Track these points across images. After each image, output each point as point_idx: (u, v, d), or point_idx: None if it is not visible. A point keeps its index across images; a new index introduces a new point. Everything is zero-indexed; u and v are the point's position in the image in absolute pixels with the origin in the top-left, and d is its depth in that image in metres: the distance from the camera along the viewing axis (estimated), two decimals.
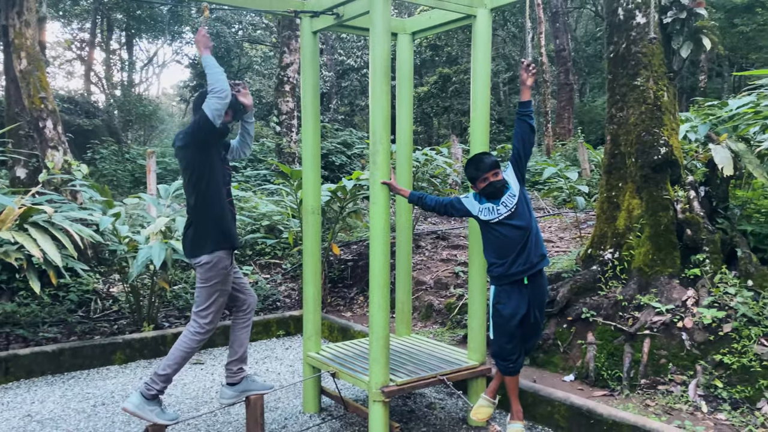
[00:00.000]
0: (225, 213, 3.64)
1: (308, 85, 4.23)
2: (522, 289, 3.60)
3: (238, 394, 3.81)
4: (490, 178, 3.57)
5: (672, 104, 5.04)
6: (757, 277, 4.43)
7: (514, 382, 3.82)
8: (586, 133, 20.65)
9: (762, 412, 3.73)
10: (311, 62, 4.24)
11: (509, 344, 3.67)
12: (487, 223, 3.61)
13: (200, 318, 3.62)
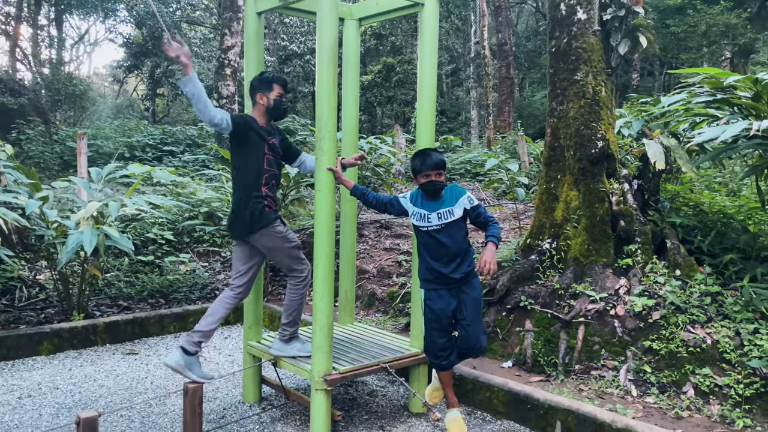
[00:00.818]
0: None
1: (252, 68, 4.12)
2: (451, 290, 3.65)
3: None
4: (432, 176, 3.56)
5: (609, 99, 5.21)
6: (685, 267, 4.65)
7: (447, 377, 3.87)
8: (526, 126, 21.15)
9: (687, 396, 3.93)
10: (255, 44, 4.13)
11: (440, 340, 3.71)
12: (417, 226, 3.67)
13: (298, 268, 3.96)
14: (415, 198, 3.71)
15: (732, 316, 4.18)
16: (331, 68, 3.49)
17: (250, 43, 4.12)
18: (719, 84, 4.60)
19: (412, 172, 3.67)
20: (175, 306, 6.37)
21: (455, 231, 3.59)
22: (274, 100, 3.88)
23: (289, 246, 3.87)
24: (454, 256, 3.59)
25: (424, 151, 3.66)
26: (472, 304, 3.67)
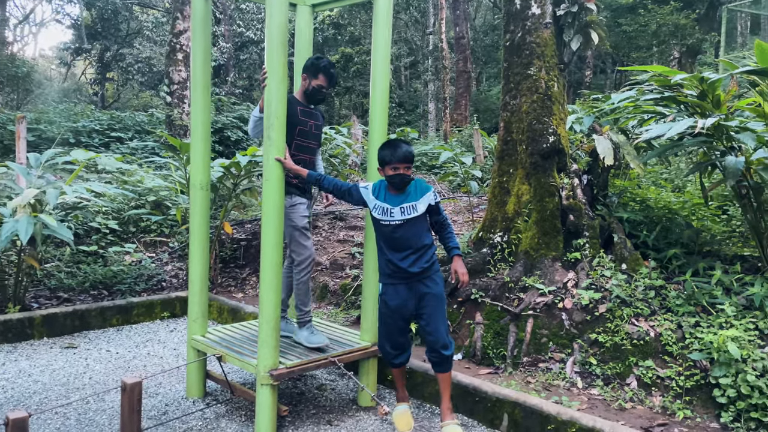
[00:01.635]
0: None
1: (198, 52, 3.97)
2: (410, 285, 3.58)
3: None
4: (401, 170, 3.48)
5: (561, 95, 5.25)
6: (631, 261, 4.74)
7: (399, 373, 3.84)
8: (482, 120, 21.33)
9: (631, 387, 4.00)
10: (202, 27, 3.98)
11: (394, 337, 3.67)
12: (377, 220, 3.59)
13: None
14: (378, 190, 3.61)
15: (674, 309, 4.28)
16: (281, 54, 3.39)
17: (197, 25, 3.96)
18: (667, 82, 4.68)
19: (380, 162, 3.56)
20: (119, 298, 6.16)
21: (417, 226, 3.53)
22: (313, 88, 3.96)
23: (291, 224, 3.89)
24: (414, 250, 3.52)
25: (394, 142, 3.56)
26: (432, 300, 3.59)
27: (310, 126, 3.96)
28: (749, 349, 3.65)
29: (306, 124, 3.94)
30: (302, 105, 3.99)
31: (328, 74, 3.91)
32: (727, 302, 4.09)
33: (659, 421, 3.63)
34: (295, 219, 3.91)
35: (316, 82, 3.92)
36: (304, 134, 3.94)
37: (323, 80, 3.92)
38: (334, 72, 3.92)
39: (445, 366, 3.63)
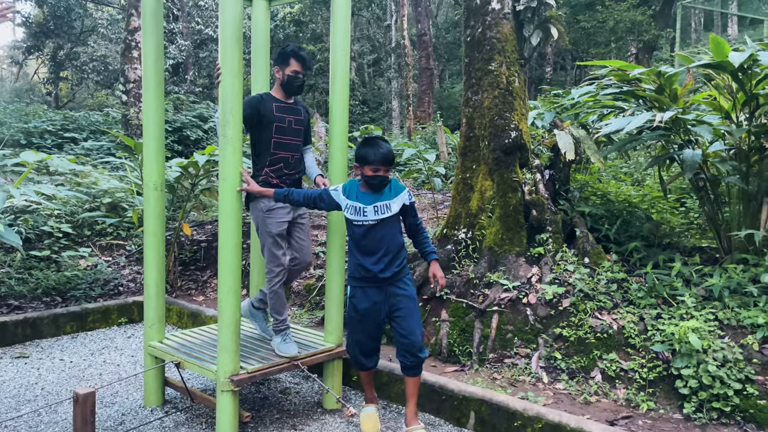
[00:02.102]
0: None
1: (150, 49, 3.82)
2: (381, 289, 3.47)
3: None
4: (381, 171, 3.35)
5: (522, 90, 5.25)
6: (593, 254, 4.76)
7: (368, 376, 3.77)
8: (446, 117, 21.39)
9: (595, 381, 4.02)
10: (154, 23, 3.83)
11: (363, 342, 3.58)
12: (350, 220, 3.47)
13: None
14: (349, 189, 3.48)
15: (636, 301, 4.32)
16: (236, 49, 3.28)
17: (147, 20, 3.81)
18: (625, 76, 4.72)
19: (359, 160, 3.40)
20: (73, 304, 5.93)
21: (390, 227, 3.43)
22: (288, 76, 3.80)
23: (266, 230, 3.78)
24: (386, 252, 3.41)
25: (375, 141, 3.40)
26: (406, 302, 3.48)
27: (289, 122, 3.81)
28: (710, 340, 3.69)
29: (283, 120, 3.79)
30: (279, 101, 3.83)
31: (299, 57, 3.77)
32: (687, 294, 4.14)
33: (623, 414, 3.65)
34: (270, 225, 3.77)
35: (289, 69, 3.78)
36: (282, 131, 3.79)
37: (296, 65, 3.77)
38: (304, 54, 3.79)
39: (417, 370, 3.54)
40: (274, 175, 3.78)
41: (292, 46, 3.83)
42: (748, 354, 3.66)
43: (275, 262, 3.82)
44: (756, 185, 4.52)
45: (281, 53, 3.84)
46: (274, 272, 3.84)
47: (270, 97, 3.83)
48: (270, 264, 3.84)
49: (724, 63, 3.97)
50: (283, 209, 3.79)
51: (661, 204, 5.76)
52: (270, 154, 3.76)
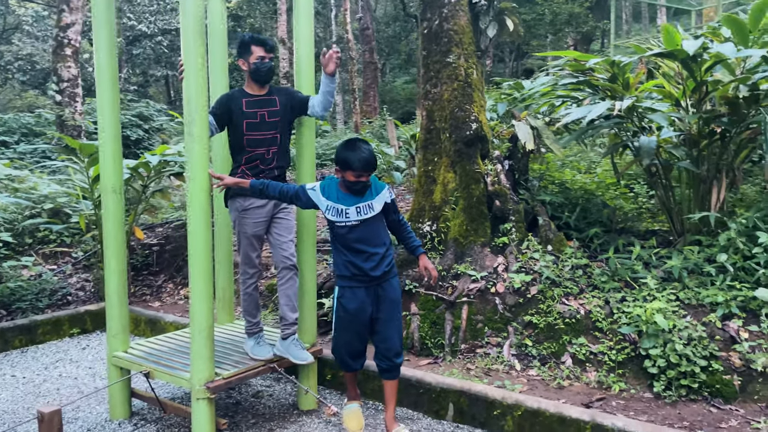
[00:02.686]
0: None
1: (103, 45, 3.63)
2: (368, 289, 3.39)
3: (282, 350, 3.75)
4: (364, 177, 3.26)
5: (480, 82, 5.29)
6: (555, 242, 4.86)
7: (353, 376, 3.71)
8: (389, 111, 21.43)
9: (566, 365, 4.10)
10: (106, 15, 3.63)
11: (352, 343, 3.49)
12: (332, 222, 3.37)
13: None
14: (328, 190, 3.35)
15: (600, 286, 4.43)
16: (199, 45, 3.15)
17: (99, 12, 3.61)
18: (581, 66, 4.82)
19: (341, 164, 3.27)
20: (20, 317, 5.60)
21: (375, 226, 3.35)
22: (254, 64, 3.64)
23: (241, 230, 3.69)
24: (374, 251, 3.33)
25: (357, 144, 3.27)
26: (388, 306, 3.42)
27: (261, 116, 3.63)
28: (674, 320, 3.83)
29: (255, 115, 3.62)
30: (250, 95, 3.67)
31: (259, 41, 3.63)
32: (648, 276, 4.28)
33: (597, 396, 3.74)
34: (245, 226, 3.66)
35: (253, 57, 3.62)
36: (254, 127, 3.63)
37: (259, 50, 3.62)
38: (263, 37, 3.67)
39: (394, 373, 3.50)
40: (251, 173, 3.65)
41: (249, 34, 3.72)
42: (711, 331, 3.81)
43: (249, 263, 3.72)
44: (706, 169, 4.71)
45: (241, 44, 3.71)
46: (248, 274, 3.73)
47: (240, 93, 3.68)
48: (244, 266, 3.73)
49: (676, 51, 4.11)
50: (261, 209, 3.66)
51: (614, 190, 5.94)
52: (245, 152, 3.64)
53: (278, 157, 3.74)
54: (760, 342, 3.67)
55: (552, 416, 3.41)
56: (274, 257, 3.82)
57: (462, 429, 3.67)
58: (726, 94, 4.42)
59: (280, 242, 3.77)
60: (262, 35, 3.69)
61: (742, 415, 3.44)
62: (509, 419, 3.56)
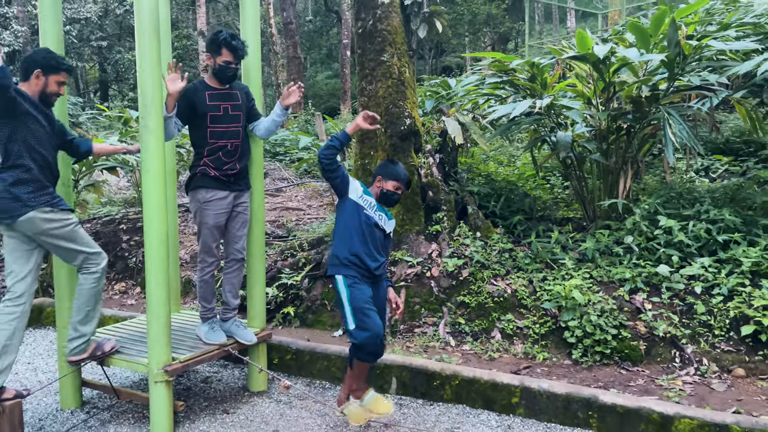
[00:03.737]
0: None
1: (49, 35, 3.66)
2: (368, 282, 3.49)
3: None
4: (400, 191, 3.58)
5: (413, 80, 5.62)
6: (484, 229, 5.27)
7: (366, 368, 3.60)
8: (314, 106, 21.52)
9: (496, 340, 4.51)
10: (52, 9, 3.66)
11: (380, 325, 3.37)
12: (360, 209, 3.45)
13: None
14: (363, 187, 3.56)
15: (524, 267, 4.88)
16: (153, 39, 3.27)
17: (45, 12, 3.63)
18: (504, 67, 5.25)
19: (385, 174, 3.55)
20: None
21: (386, 240, 3.64)
22: (220, 66, 3.72)
23: (201, 221, 3.78)
24: (380, 258, 3.53)
25: (399, 164, 3.63)
26: (381, 299, 3.62)
27: (225, 109, 3.73)
28: (589, 295, 4.31)
29: (218, 108, 3.71)
30: (212, 89, 3.76)
31: (231, 47, 3.68)
32: (566, 257, 4.76)
33: (524, 365, 4.16)
34: (206, 216, 3.76)
35: (221, 58, 3.70)
36: (217, 120, 3.72)
37: (227, 55, 3.68)
38: (236, 43, 3.70)
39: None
40: (213, 165, 3.75)
41: (224, 34, 3.70)
42: (620, 304, 4.32)
43: (208, 252, 3.85)
44: (614, 161, 5.26)
45: (213, 40, 3.72)
46: (207, 262, 3.87)
47: (203, 86, 3.76)
48: (204, 254, 3.86)
49: (588, 55, 4.59)
50: (222, 201, 3.78)
51: (532, 182, 6.46)
52: (207, 144, 3.73)
53: (240, 150, 3.83)
54: (661, 311, 4.21)
55: (486, 383, 3.79)
56: (226, 248, 3.97)
57: (405, 400, 3.98)
58: (631, 93, 4.97)
59: (235, 235, 3.93)
60: (237, 41, 3.70)
61: (647, 375, 3.96)
62: (447, 388, 3.91)
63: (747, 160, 6.42)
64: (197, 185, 3.78)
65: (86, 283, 3.54)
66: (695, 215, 4.69)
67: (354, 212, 3.46)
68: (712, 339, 4.00)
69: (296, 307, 5.16)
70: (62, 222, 3.41)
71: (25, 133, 3.31)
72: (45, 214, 3.33)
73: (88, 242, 3.57)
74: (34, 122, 3.35)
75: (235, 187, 3.87)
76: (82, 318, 3.58)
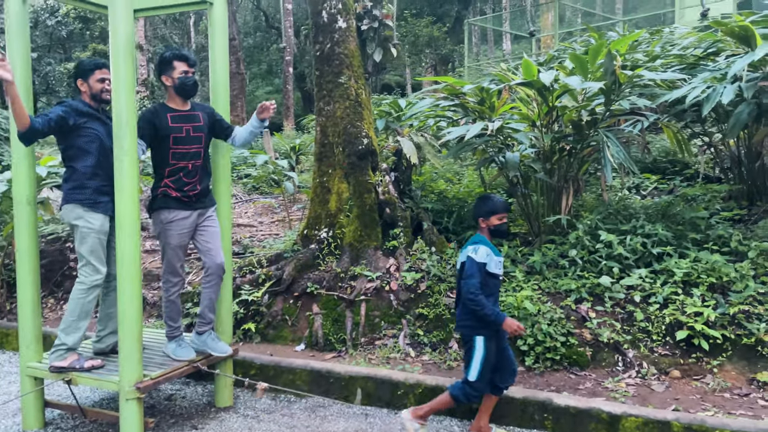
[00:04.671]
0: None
1: (17, 57, 3.66)
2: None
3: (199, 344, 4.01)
4: (505, 217, 3.63)
5: (368, 101, 5.84)
6: (438, 244, 5.52)
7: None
8: None
9: (453, 350, 4.74)
10: (19, 28, 3.67)
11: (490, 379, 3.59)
12: (494, 275, 3.55)
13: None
14: (488, 247, 3.53)
15: None
16: (129, 63, 3.35)
17: (12, 30, 3.64)
18: (455, 90, 5.54)
19: (485, 214, 3.59)
20: None
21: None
22: (178, 79, 3.74)
23: (165, 241, 3.80)
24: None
25: (489, 195, 3.68)
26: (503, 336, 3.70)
27: (187, 130, 3.79)
28: (539, 305, 4.61)
29: (180, 129, 3.78)
30: (174, 110, 3.81)
31: (181, 57, 3.75)
32: (516, 270, 5.06)
33: None
34: (169, 237, 3.80)
35: (176, 72, 3.74)
36: (180, 141, 3.78)
37: (182, 65, 3.74)
38: (185, 52, 3.78)
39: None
40: (174, 186, 3.78)
41: (169, 51, 3.83)
42: (567, 313, 4.64)
43: (173, 273, 3.89)
44: (556, 180, 5.63)
45: (162, 61, 3.82)
46: (171, 282, 3.91)
47: (164, 108, 3.81)
48: (167, 274, 3.90)
49: (534, 81, 4.94)
50: (184, 221, 3.82)
51: None
52: (168, 165, 3.78)
53: (201, 171, 3.88)
54: (604, 319, 4.55)
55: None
56: (206, 262, 3.97)
57: (369, 409, 4.14)
58: (572, 117, 5.36)
59: (210, 248, 3.95)
60: (185, 50, 3.83)
61: (594, 379, 4.27)
62: (411, 397, 4.09)
63: (673, 179, 6.96)
64: (159, 206, 3.83)
65: (75, 290, 3.72)
66: (632, 230, 5.09)
67: (487, 282, 3.52)
68: (650, 344, 4.36)
69: (257, 323, 5.23)
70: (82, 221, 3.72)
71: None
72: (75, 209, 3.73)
73: (98, 254, 3.75)
74: None
75: (198, 206, 3.93)
76: (65, 327, 3.69)
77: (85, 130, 3.73)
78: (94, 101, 3.84)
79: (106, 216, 3.79)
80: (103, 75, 3.81)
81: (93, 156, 3.72)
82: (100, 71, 3.82)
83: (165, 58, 3.82)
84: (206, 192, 4.01)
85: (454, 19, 15.03)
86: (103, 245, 3.79)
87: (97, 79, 3.80)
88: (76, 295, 3.67)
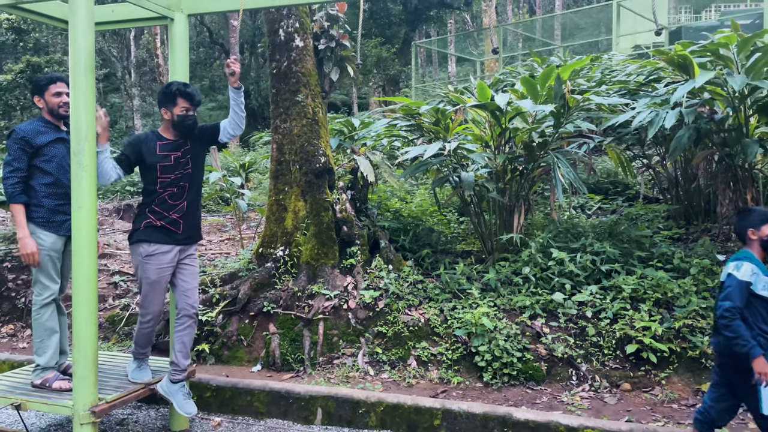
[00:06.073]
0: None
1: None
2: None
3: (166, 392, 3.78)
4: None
5: (325, 119, 5.87)
6: (395, 262, 5.57)
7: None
8: None
9: (412, 367, 4.77)
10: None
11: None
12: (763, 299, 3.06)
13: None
14: (758, 264, 3.08)
15: (435, 297, 5.21)
16: (89, 76, 3.26)
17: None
18: (412, 111, 5.65)
19: (757, 223, 3.14)
20: None
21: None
22: (178, 116, 3.63)
23: (143, 276, 3.67)
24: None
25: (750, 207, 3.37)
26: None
27: (176, 158, 3.65)
28: (496, 321, 4.71)
29: (168, 158, 3.63)
30: (165, 140, 3.68)
31: (185, 95, 3.62)
32: (472, 287, 5.16)
33: (440, 390, 4.45)
34: (148, 271, 3.63)
35: (177, 108, 3.62)
36: (167, 170, 3.63)
37: (184, 103, 3.61)
38: (191, 90, 3.64)
39: None
40: (160, 209, 3.65)
41: (176, 84, 3.67)
42: (523, 329, 4.76)
43: (148, 308, 3.73)
44: (509, 199, 5.80)
45: (165, 93, 3.65)
46: (147, 317, 3.76)
47: (155, 136, 3.68)
48: (143, 309, 3.76)
49: (488, 104, 5.10)
50: (165, 255, 3.66)
51: (433, 218, 6.89)
52: (156, 193, 3.65)
53: (189, 189, 3.74)
54: (558, 335, 4.69)
55: (409, 408, 4.02)
56: (178, 302, 3.81)
57: (330, 429, 4.11)
58: (523, 139, 5.54)
59: (185, 288, 3.78)
60: (191, 88, 3.67)
61: (550, 393, 4.39)
62: (372, 415, 4.09)
63: (615, 199, 7.28)
64: (139, 238, 3.66)
65: (32, 311, 3.75)
66: (581, 248, 5.29)
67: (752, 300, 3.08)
68: (602, 358, 4.53)
69: (211, 344, 5.11)
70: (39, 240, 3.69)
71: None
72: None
73: (47, 272, 3.72)
74: None
75: (182, 239, 3.74)
76: (36, 348, 3.74)
77: (44, 149, 3.68)
78: (52, 116, 3.72)
79: (60, 236, 3.74)
80: (59, 89, 3.70)
81: (50, 175, 3.70)
82: (54, 85, 3.72)
83: (169, 91, 3.64)
84: (193, 219, 3.82)
85: (402, 41, 15.30)
86: (54, 262, 3.76)
87: (53, 94, 3.70)
88: (33, 316, 3.69)
